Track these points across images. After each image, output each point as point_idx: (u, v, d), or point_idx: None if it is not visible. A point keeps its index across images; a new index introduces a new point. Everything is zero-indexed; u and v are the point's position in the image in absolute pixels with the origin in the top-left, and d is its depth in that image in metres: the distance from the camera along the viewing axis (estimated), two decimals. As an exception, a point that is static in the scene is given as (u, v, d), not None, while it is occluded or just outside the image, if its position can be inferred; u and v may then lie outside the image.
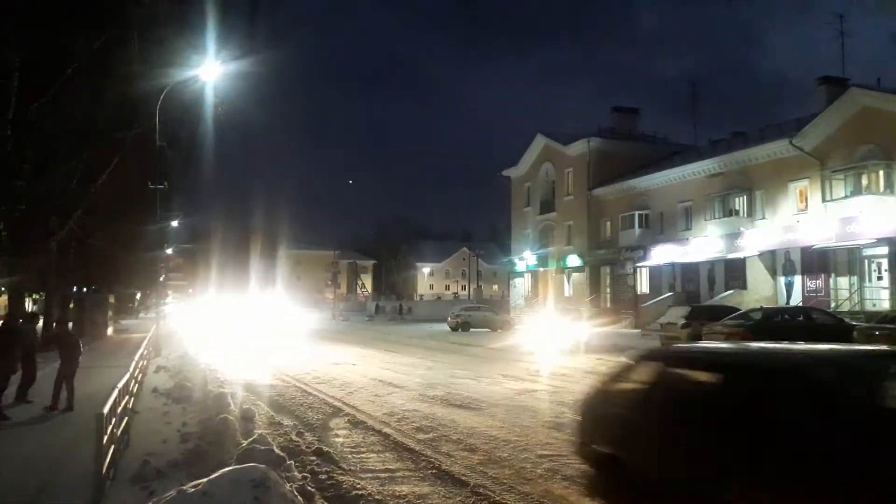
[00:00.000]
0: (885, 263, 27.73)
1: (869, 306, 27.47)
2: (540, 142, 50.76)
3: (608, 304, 43.81)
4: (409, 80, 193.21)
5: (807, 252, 30.11)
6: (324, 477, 6.89)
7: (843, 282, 29.11)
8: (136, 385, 12.31)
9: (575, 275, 47.54)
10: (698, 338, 19.98)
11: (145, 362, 17.03)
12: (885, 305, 26.46)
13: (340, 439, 9.16)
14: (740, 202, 34.37)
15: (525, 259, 51.71)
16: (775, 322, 19.51)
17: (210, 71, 19.05)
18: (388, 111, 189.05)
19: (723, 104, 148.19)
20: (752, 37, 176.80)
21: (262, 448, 7.01)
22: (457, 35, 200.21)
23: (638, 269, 40.93)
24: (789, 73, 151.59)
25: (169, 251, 52.52)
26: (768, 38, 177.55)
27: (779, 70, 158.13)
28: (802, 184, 31.15)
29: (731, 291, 33.12)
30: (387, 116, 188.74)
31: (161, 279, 38.43)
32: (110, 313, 36.66)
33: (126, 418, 8.64)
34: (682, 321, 22.55)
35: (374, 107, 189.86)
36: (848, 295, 28.61)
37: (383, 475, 7.24)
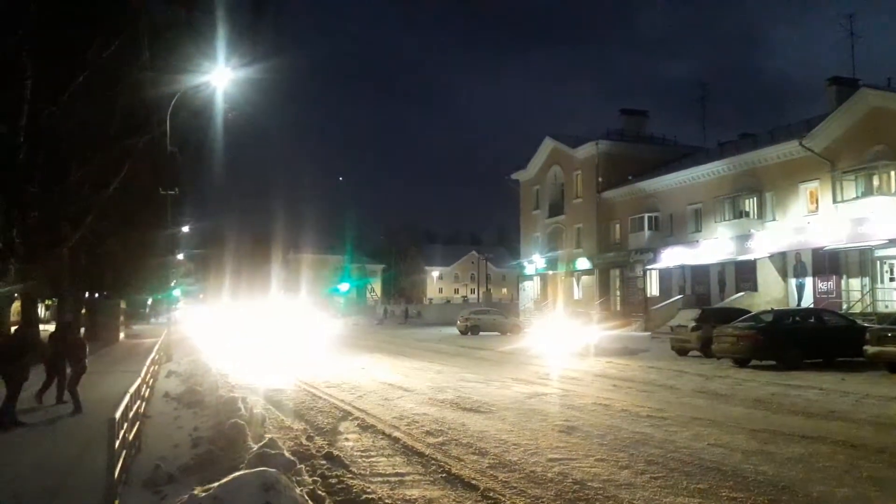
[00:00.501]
0: (897, 264, 27.56)
1: (881, 307, 27.25)
2: (548, 145, 50.72)
3: (618, 307, 43.68)
4: (415, 84, 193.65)
5: (818, 253, 29.93)
6: (334, 481, 6.90)
7: (855, 283, 28.90)
8: (148, 390, 12.39)
9: (584, 278, 47.44)
10: (709, 341, 19.88)
11: (156, 367, 17.13)
12: (898, 307, 26.27)
13: (350, 443, 9.18)
14: (750, 204, 34.21)
15: (534, 262, 51.64)
16: (786, 324, 19.41)
17: (220, 77, 19.17)
18: (394, 114, 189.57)
19: (728, 106, 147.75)
20: (758, 38, 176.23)
21: (273, 452, 7.03)
22: (463, 37, 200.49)
23: (648, 272, 40.81)
24: (795, 75, 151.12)
25: (180, 256, 52.78)
26: (773, 39, 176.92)
27: (785, 71, 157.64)
28: (813, 185, 30.99)
29: (741, 293, 32.94)
30: (394, 120, 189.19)
31: (172, 284, 38.61)
32: (122, 318, 36.89)
33: (138, 423, 8.69)
34: (693, 324, 22.44)
35: (381, 110, 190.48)
36: (860, 296, 28.41)
37: (393, 479, 7.25)
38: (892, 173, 27.45)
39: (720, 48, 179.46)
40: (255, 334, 35.45)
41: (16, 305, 22.91)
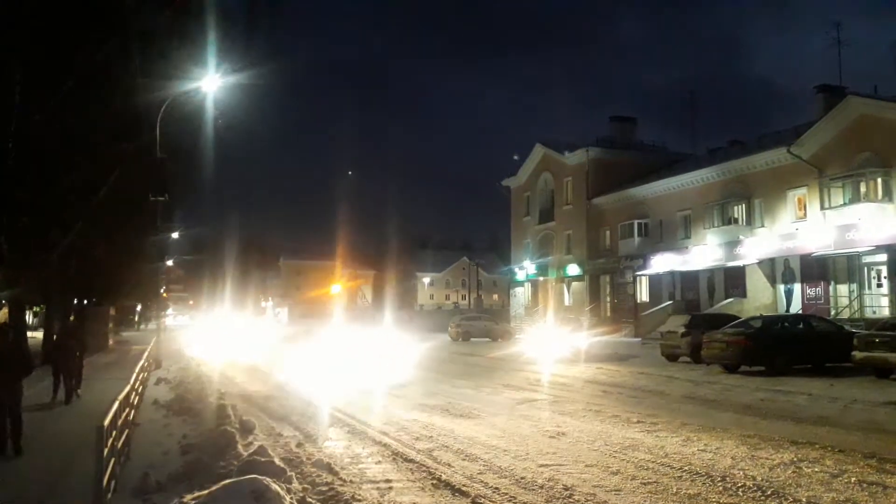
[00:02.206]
0: (884, 270, 27.75)
1: (869, 313, 27.44)
2: (539, 151, 50.89)
3: (608, 313, 43.79)
4: (407, 91, 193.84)
5: (806, 260, 30.13)
6: (324, 488, 6.89)
7: (843, 289, 29.10)
8: (137, 397, 12.32)
9: (575, 284, 47.54)
10: (699, 346, 19.96)
11: (146, 374, 17.03)
12: (885, 312, 26.43)
13: (340, 450, 9.16)
14: (739, 210, 34.41)
15: (525, 268, 51.71)
16: (775, 330, 19.50)
17: (211, 83, 19.15)
18: (385, 121, 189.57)
19: (713, 113, 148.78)
20: (742, 45, 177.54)
21: (263, 459, 7.01)
22: (453, 45, 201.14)
23: (637, 278, 40.93)
24: (781, 82, 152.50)
25: (170, 262, 52.53)
26: (759, 46, 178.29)
27: (770, 79, 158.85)
28: (801, 192, 31.21)
29: (730, 300, 33.11)
30: (384, 127, 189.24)
31: (161, 290, 38.39)
32: (110, 325, 36.64)
33: (127, 431, 8.64)
34: (683, 330, 22.51)
35: (372, 117, 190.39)
36: (848, 302, 28.61)
37: (383, 485, 7.24)
38: (879, 180, 27.68)
39: (704, 56, 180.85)
40: (247, 341, 35.25)
41: (3, 312, 22.72)
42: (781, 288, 32.09)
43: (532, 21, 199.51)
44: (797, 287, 31.28)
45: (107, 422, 6.39)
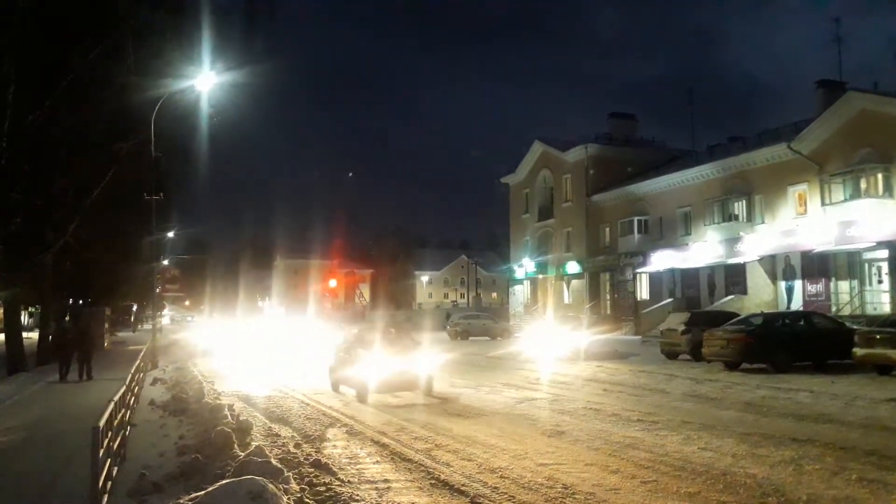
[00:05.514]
0: (885, 267, 27.68)
1: (870, 310, 27.38)
2: (538, 148, 50.81)
3: (608, 311, 43.74)
4: (405, 90, 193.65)
5: (807, 256, 30.07)
6: (322, 488, 6.82)
7: (844, 286, 29.04)
8: (133, 398, 12.24)
9: (574, 281, 47.49)
10: (699, 344, 19.88)
11: (142, 374, 16.96)
12: (886, 309, 26.37)
13: (338, 450, 9.09)
14: (739, 207, 34.35)
15: (524, 266, 51.65)
16: (776, 327, 19.40)
17: (205, 81, 19.07)
18: (382, 121, 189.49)
19: (709, 110, 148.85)
20: (734, 41, 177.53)
21: (260, 460, 6.94)
22: (450, 43, 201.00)
23: (637, 276, 40.86)
24: (774, 79, 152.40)
25: (165, 262, 52.41)
26: (750, 43, 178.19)
27: (762, 75, 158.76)
28: (801, 188, 31.15)
29: (731, 297, 33.03)
30: (382, 126, 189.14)
31: (157, 290, 38.29)
32: (107, 325, 36.53)
33: (122, 431, 8.56)
34: (683, 327, 22.42)
35: (370, 116, 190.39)
36: (849, 299, 28.55)
37: (382, 486, 7.17)
38: (880, 176, 27.61)
39: (703, 53, 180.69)
40: (247, 343, 35.11)
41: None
42: (782, 285, 32.03)
43: (532, 19, 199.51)
44: (798, 284, 31.21)
45: (102, 422, 6.32)
